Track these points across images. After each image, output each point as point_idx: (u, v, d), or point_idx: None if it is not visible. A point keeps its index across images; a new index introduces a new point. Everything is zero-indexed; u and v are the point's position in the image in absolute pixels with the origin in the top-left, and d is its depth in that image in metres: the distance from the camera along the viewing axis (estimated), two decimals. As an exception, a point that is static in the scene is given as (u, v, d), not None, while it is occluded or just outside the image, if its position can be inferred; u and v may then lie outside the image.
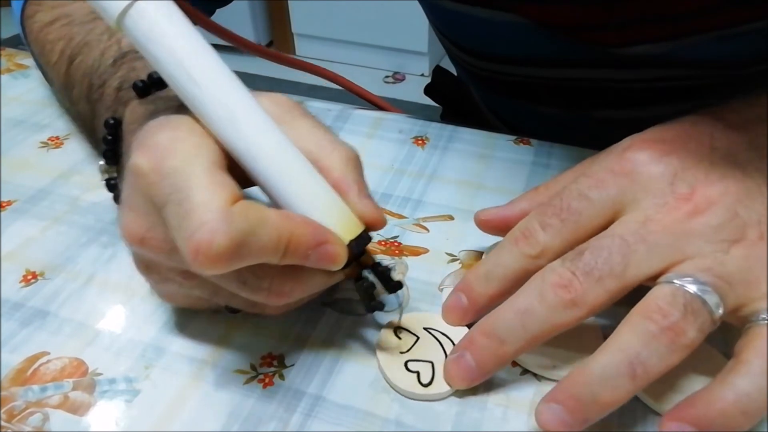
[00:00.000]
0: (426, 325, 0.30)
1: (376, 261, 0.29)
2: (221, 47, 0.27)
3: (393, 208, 0.39)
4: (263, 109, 0.26)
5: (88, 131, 0.38)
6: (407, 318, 0.31)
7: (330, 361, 0.29)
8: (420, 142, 0.45)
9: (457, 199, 0.39)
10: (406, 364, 0.29)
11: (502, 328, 0.27)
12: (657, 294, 0.25)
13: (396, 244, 0.36)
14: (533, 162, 0.42)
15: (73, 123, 0.45)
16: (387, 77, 2.16)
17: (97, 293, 0.33)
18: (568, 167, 0.32)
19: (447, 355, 0.29)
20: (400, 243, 0.36)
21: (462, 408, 0.28)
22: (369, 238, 0.28)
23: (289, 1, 2.13)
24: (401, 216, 0.38)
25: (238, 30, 0.45)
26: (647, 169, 0.28)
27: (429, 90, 0.67)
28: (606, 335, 0.29)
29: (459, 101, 0.66)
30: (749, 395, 0.23)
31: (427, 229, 0.37)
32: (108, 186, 0.33)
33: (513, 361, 0.29)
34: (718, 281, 0.25)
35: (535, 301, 0.26)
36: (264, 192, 0.27)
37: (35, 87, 0.51)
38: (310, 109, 0.30)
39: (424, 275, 0.34)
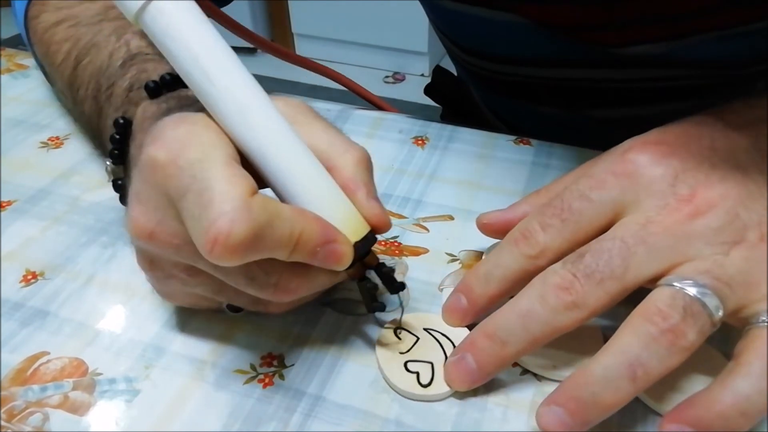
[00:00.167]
0: (426, 326, 0.30)
1: (380, 262, 0.29)
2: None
3: (393, 208, 0.39)
4: (277, 109, 0.27)
5: (92, 132, 0.38)
6: (407, 318, 0.31)
7: (330, 361, 0.29)
8: (420, 142, 0.45)
9: (457, 199, 0.39)
10: (405, 364, 0.29)
11: (503, 329, 0.27)
12: (657, 297, 0.25)
13: (396, 244, 0.36)
14: (533, 162, 0.42)
15: (76, 123, 0.45)
16: (387, 77, 2.16)
17: (97, 293, 0.33)
18: (568, 167, 0.32)
19: (447, 356, 0.29)
20: (400, 243, 0.36)
21: (462, 408, 0.28)
22: (374, 239, 0.28)
23: (289, 1, 2.13)
24: (401, 216, 0.38)
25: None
26: (648, 171, 0.27)
27: (429, 90, 0.67)
28: (606, 336, 0.29)
29: (459, 101, 0.66)
30: (748, 397, 0.23)
31: (427, 229, 0.37)
32: (115, 186, 0.33)
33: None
34: (717, 284, 0.25)
35: (537, 303, 0.26)
36: (273, 190, 0.27)
37: (35, 87, 0.51)
38: (310, 109, 0.30)
39: (424, 275, 0.34)
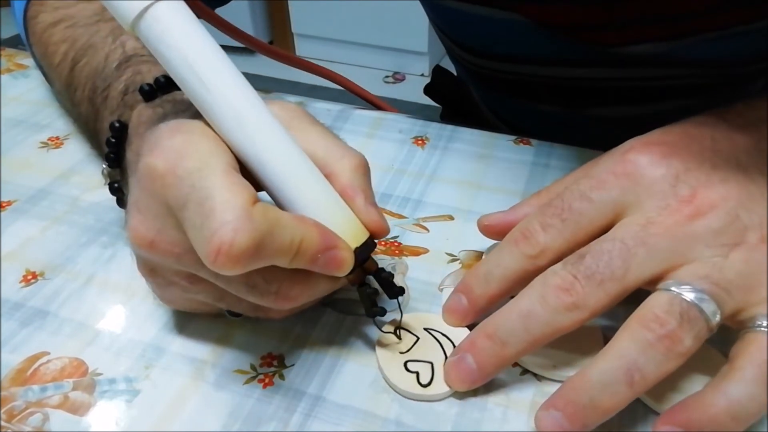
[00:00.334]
0: (426, 326, 0.30)
1: (379, 267, 0.29)
2: (221, 46, 0.27)
3: (393, 208, 0.39)
4: (273, 115, 0.27)
5: (90, 133, 0.38)
6: (407, 318, 0.31)
7: (330, 361, 0.29)
8: (420, 142, 0.45)
9: (457, 199, 0.39)
10: (405, 364, 0.29)
11: (503, 330, 0.27)
12: (655, 302, 0.25)
13: (396, 244, 0.36)
14: (533, 162, 0.42)
15: (74, 124, 0.45)
16: (387, 77, 2.16)
17: (97, 293, 0.33)
18: (568, 167, 0.32)
19: (447, 356, 0.29)
20: (400, 243, 0.36)
21: (462, 408, 0.28)
22: (374, 245, 0.28)
23: (289, 1, 2.13)
24: (401, 216, 0.38)
25: (237, 30, 0.45)
26: (649, 171, 0.27)
27: (429, 90, 0.67)
28: (606, 335, 0.29)
29: (459, 101, 0.66)
30: (740, 402, 0.23)
31: (427, 229, 0.37)
32: (111, 189, 0.33)
33: (513, 362, 0.29)
34: (715, 289, 0.25)
35: (537, 304, 0.26)
36: (272, 197, 0.27)
37: (35, 87, 0.51)
38: (310, 110, 0.30)
39: (424, 275, 0.34)
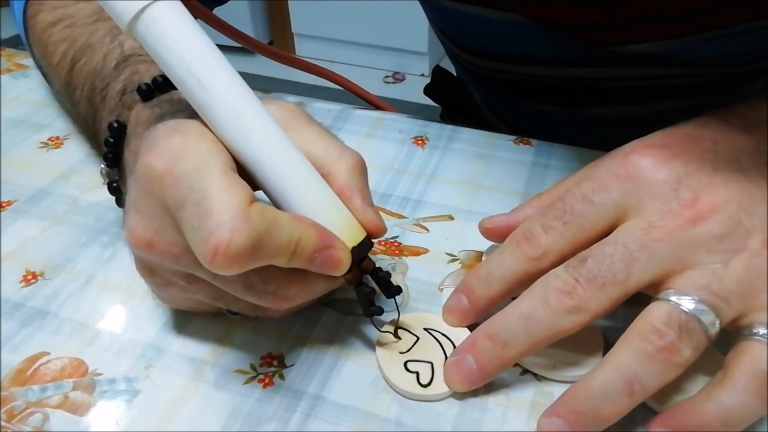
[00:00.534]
0: (426, 326, 0.30)
1: (376, 266, 0.29)
2: (221, 47, 0.27)
3: (393, 208, 0.39)
4: (271, 115, 0.27)
5: (88, 133, 0.38)
6: (407, 318, 0.31)
7: (330, 361, 0.29)
8: (420, 142, 0.45)
9: (457, 199, 0.39)
10: (405, 364, 0.29)
11: (505, 331, 0.27)
12: (654, 313, 0.25)
13: (396, 244, 0.36)
14: (533, 162, 0.42)
15: (74, 124, 0.45)
16: (387, 77, 2.16)
17: (97, 293, 0.33)
18: (568, 167, 0.32)
19: (447, 356, 0.29)
20: (400, 243, 0.36)
21: (462, 408, 0.27)
22: (371, 244, 0.28)
23: (289, 1, 2.13)
24: (401, 216, 0.38)
25: (237, 30, 0.45)
26: (651, 174, 0.27)
27: (429, 90, 0.67)
28: (606, 336, 0.29)
29: (459, 101, 0.66)
30: (732, 411, 0.24)
31: (427, 229, 0.37)
32: (110, 189, 0.33)
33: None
34: (714, 299, 0.25)
35: (539, 306, 0.26)
36: (269, 196, 0.27)
37: (35, 87, 0.51)
38: (310, 110, 0.30)
39: (424, 275, 0.34)
